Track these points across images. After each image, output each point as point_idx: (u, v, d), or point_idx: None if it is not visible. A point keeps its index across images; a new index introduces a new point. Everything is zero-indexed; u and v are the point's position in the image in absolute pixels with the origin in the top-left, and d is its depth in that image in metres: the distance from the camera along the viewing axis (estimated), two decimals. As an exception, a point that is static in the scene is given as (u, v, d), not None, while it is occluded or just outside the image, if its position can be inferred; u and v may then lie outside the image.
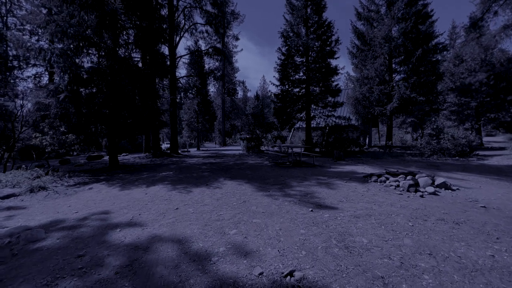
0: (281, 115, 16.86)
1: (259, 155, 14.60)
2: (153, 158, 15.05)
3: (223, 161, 11.56)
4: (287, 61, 16.66)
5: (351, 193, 5.13)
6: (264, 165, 9.68)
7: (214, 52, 18.04)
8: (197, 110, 25.06)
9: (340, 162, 10.27)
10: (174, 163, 11.41)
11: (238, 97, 52.76)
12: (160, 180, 6.85)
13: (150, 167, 10.12)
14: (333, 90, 15.19)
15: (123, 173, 8.43)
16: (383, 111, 16.79)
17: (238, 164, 10.22)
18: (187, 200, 4.79)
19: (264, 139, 18.74)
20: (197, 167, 9.53)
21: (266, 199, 4.76)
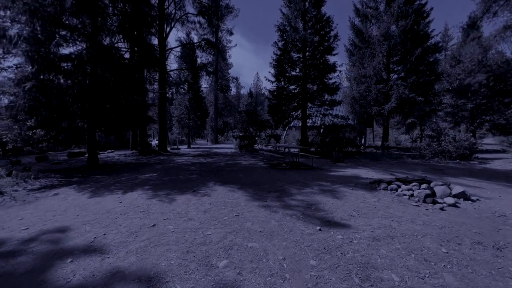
0: (276, 113, 16.10)
1: (253, 155, 13.82)
2: (139, 156, 14.06)
3: (214, 161, 10.72)
4: (283, 56, 15.88)
5: (361, 204, 4.42)
6: (259, 166, 8.91)
7: (207, 45, 17.08)
8: (189, 106, 24.03)
9: (339, 164, 9.60)
10: (161, 163, 10.50)
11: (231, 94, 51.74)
12: (141, 184, 5.98)
13: (134, 166, 9.19)
14: (331, 87, 14.52)
15: (101, 174, 7.50)
16: (381, 111, 16.26)
17: (230, 165, 9.41)
18: (168, 212, 3.97)
19: (257, 137, 17.96)
20: (185, 168, 8.67)
21: (263, 211, 3.99)
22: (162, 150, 16.80)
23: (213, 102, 38.64)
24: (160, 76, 15.46)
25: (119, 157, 13.78)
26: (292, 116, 16.45)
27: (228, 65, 37.47)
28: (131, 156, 14.28)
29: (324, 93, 15.36)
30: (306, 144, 15.78)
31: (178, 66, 22.95)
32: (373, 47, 17.36)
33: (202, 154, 15.97)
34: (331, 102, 15.03)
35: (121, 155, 14.58)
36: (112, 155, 15.16)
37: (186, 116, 24.55)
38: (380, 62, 16.41)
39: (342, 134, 15.35)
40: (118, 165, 9.60)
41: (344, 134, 15.47)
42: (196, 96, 24.12)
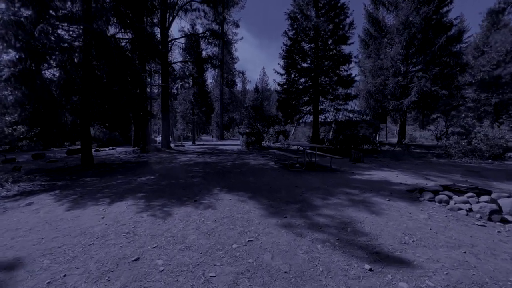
0: (285, 108, 15.04)
1: (261, 153, 12.84)
2: (140, 154, 13.23)
3: (220, 160, 9.77)
4: (294, 47, 14.73)
5: (409, 223, 3.40)
6: (270, 167, 7.92)
7: (212, 36, 16.01)
8: (193, 101, 23.08)
9: (359, 164, 8.54)
10: (162, 162, 9.60)
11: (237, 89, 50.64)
12: (134, 191, 5.07)
13: (131, 167, 8.31)
14: (346, 80, 13.35)
15: (92, 176, 6.63)
16: (399, 106, 15.03)
17: (237, 165, 8.44)
18: (160, 234, 3.03)
19: (265, 134, 16.95)
20: (188, 169, 7.74)
21: (285, 234, 3.02)
22: (165, 147, 15.94)
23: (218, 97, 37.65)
24: (163, 69, 14.52)
25: (119, 155, 12.97)
26: (303, 111, 15.37)
27: (234, 59, 36.31)
28: (132, 153, 13.45)
29: (337, 86, 14.21)
30: (317, 141, 14.70)
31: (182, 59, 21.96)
32: (391, 36, 16.06)
33: (207, 151, 15.06)
34: (346, 96, 13.88)
35: (122, 153, 13.78)
36: (112, 152, 14.38)
37: (190, 112, 23.64)
38: (398, 52, 15.12)
39: (357, 131, 14.21)
40: (115, 165, 8.74)
41: (358, 131, 14.33)
42: (201, 91, 23.16)
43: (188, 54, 19.94)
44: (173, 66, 17.73)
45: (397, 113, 16.60)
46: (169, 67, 15.30)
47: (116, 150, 16.11)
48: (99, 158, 11.07)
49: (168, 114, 15.79)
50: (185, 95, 23.30)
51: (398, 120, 20.21)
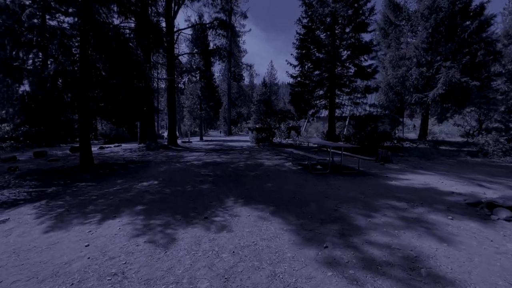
0: (299, 102, 14.01)
1: (274, 151, 11.92)
2: (146, 152, 12.51)
3: (231, 160, 8.91)
4: (308, 36, 13.59)
5: (501, 259, 2.45)
6: (288, 169, 7.00)
7: (220, 27, 15.03)
8: (201, 96, 22.22)
9: (388, 165, 7.53)
10: (168, 161, 8.80)
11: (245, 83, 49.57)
12: (132, 202, 4.24)
13: (134, 168, 7.53)
14: (366, 71, 12.17)
15: (88, 180, 5.86)
16: (423, 99, 13.79)
17: (251, 166, 7.55)
18: (158, 277, 2.17)
19: (276, 130, 15.98)
20: (196, 171, 6.90)
21: (334, 280, 2.12)
22: (172, 143, 15.20)
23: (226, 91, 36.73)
24: (168, 61, 13.66)
25: (124, 153, 12.28)
26: (317, 106, 14.31)
27: (241, 52, 35.11)
28: (137, 151, 12.75)
29: (356, 78, 13.05)
30: (333, 137, 13.66)
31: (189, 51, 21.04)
32: (414, 23, 14.72)
33: (215, 148, 14.24)
34: (366, 89, 12.72)
35: (126, 150, 13.09)
36: (117, 149, 13.72)
37: (198, 107, 22.82)
38: (423, 40, 13.81)
39: (375, 126, 13.09)
40: (117, 165, 7.98)
41: (377, 126, 13.20)
42: (209, 85, 22.28)
43: (195, 46, 19.01)
44: (180, 59, 16.86)
45: (419, 106, 15.34)
46: (175, 59, 14.42)
47: (121, 147, 15.47)
48: (102, 157, 10.37)
49: (174, 109, 15.01)
50: (192, 89, 22.46)
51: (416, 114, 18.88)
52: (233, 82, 35.86)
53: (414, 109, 16.99)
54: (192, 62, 21.90)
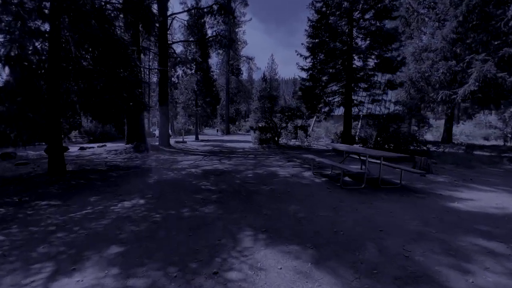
0: (310, 98, 12.91)
1: (283, 154, 10.81)
2: (133, 154, 11.34)
3: (235, 168, 7.78)
4: (321, 23, 12.49)
5: None
6: (310, 181, 5.89)
7: (220, 11, 13.84)
8: (196, 90, 20.99)
9: (431, 177, 6.46)
10: (158, 168, 7.64)
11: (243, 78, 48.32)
12: (104, 239, 3.10)
13: (116, 178, 6.36)
14: (391, 63, 11.06)
15: (54, 196, 4.68)
16: (451, 96, 12.76)
17: (262, 177, 6.44)
18: None
19: (283, 129, 14.88)
20: (194, 183, 5.75)
21: None
22: (164, 144, 14.04)
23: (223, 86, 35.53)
24: (160, 49, 12.46)
25: (108, 155, 11.10)
26: (331, 103, 13.21)
27: (241, 43, 33.84)
28: (123, 153, 11.56)
29: (376, 72, 11.97)
30: (349, 139, 12.59)
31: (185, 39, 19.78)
32: (441, 10, 13.69)
33: (214, 150, 13.10)
34: (389, 84, 11.64)
35: (111, 151, 11.90)
36: (100, 150, 12.51)
37: (193, 103, 21.59)
38: (453, 30, 12.77)
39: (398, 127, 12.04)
40: (95, 173, 6.81)
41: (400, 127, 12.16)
42: (206, 79, 21.06)
43: (190, 35, 17.78)
44: (174, 48, 15.65)
45: (445, 105, 14.33)
46: (169, 47, 13.21)
47: (105, 147, 14.26)
48: (80, 161, 9.19)
49: (167, 105, 13.83)
50: (187, 83, 21.24)
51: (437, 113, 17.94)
52: (232, 76, 34.65)
53: (434, 107, 15.99)
54: (187, 52, 20.68)
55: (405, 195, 4.82)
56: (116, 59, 5.95)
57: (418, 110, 16.62)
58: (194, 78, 20.62)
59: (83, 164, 8.30)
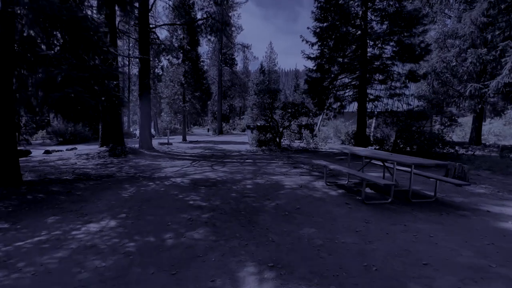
0: (318, 92, 12.50)
1: (286, 158, 10.38)
2: (108, 159, 10.83)
3: (231, 176, 7.32)
4: (331, 4, 12.10)
5: None
6: (323, 193, 5.46)
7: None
8: (184, 83, 20.51)
9: (468, 187, 6.07)
10: (137, 177, 7.15)
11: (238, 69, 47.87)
12: (58, 285, 2.62)
13: (84, 189, 5.86)
14: (414, 50, 10.66)
15: (0, 216, 4.18)
16: (482, 90, 12.46)
17: (264, 188, 5.99)
18: None
19: (286, 129, 14.46)
20: (180, 198, 5.29)
21: None
22: (145, 146, 13.54)
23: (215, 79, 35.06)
24: (141, 34, 11.97)
25: (77, 160, 10.57)
26: (342, 97, 12.81)
27: (236, 29, 33.34)
28: (96, 157, 11.04)
29: (395, 61, 11.59)
30: (363, 139, 12.21)
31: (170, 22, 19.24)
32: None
33: (205, 154, 12.64)
34: (410, 76, 11.25)
35: (82, 156, 11.37)
36: (69, 154, 11.97)
37: (180, 98, 21.10)
38: (483, 12, 12.47)
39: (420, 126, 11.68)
40: (59, 184, 6.30)
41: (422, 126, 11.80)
42: (195, 69, 20.60)
43: (177, 18, 17.30)
44: (157, 33, 15.17)
45: (473, 100, 14.04)
46: (151, 32, 12.72)
47: (76, 150, 13.72)
48: (43, 167, 8.66)
49: (149, 100, 13.32)
50: (173, 74, 20.74)
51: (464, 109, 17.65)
52: (225, 67, 34.17)
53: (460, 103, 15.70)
54: (173, 38, 20.18)
55: (444, 212, 4.41)
56: (84, 43, 5.46)
57: (439, 106, 16.38)
58: (181, 68, 20.13)
59: (45, 173, 7.78)
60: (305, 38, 12.74)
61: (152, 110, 30.42)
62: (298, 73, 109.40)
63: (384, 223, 3.92)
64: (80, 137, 24.13)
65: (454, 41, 13.79)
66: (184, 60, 20.30)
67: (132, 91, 39.59)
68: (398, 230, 3.69)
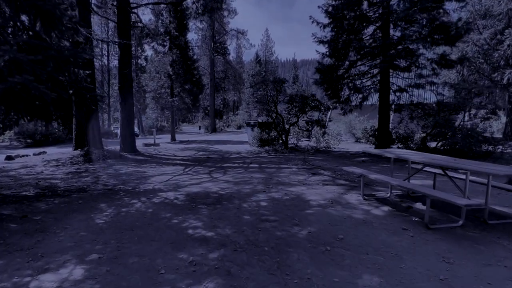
0: (333, 82, 11.56)
1: (297, 160, 9.42)
2: (82, 165, 9.77)
3: (237, 188, 6.34)
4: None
5: None
6: (364, 211, 4.51)
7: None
8: (172, 75, 19.39)
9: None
10: (115, 193, 6.11)
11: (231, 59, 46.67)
12: None
13: (45, 211, 4.82)
14: (448, 32, 9.71)
15: None
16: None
17: (285, 206, 5.03)
18: None
19: (293, 126, 13.51)
20: (174, 226, 4.29)
21: None
22: (128, 149, 12.48)
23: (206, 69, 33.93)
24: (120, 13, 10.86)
25: (45, 167, 9.51)
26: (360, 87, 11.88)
27: (228, 13, 32.06)
28: (68, 164, 9.98)
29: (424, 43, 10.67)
30: (386, 138, 11.32)
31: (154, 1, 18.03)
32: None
33: (200, 158, 11.64)
34: (442, 61, 10.33)
35: (51, 162, 10.30)
36: (35, 160, 10.85)
37: (168, 91, 19.99)
38: (523, -14, 11.64)
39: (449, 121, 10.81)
40: (13, 204, 5.24)
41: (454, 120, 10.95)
42: (184, 58, 19.49)
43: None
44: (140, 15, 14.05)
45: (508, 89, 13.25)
46: (131, 12, 11.61)
47: (45, 155, 12.59)
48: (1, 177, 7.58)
49: (131, 94, 12.24)
50: (159, 64, 19.63)
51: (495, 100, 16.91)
52: (218, 56, 33.01)
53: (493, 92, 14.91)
54: (158, 23, 19.04)
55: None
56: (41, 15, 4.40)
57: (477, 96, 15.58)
58: (169, 58, 19.01)
59: (0, 186, 6.70)
60: (315, 19, 11.79)
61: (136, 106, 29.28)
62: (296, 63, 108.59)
63: (472, 263, 2.98)
64: (53, 138, 22.87)
65: (486, 21, 12.95)
66: (172, 48, 19.19)
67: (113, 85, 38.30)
68: (500, 275, 2.76)
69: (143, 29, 13.76)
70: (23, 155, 12.63)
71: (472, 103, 10.28)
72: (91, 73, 8.84)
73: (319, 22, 11.71)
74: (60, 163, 10.09)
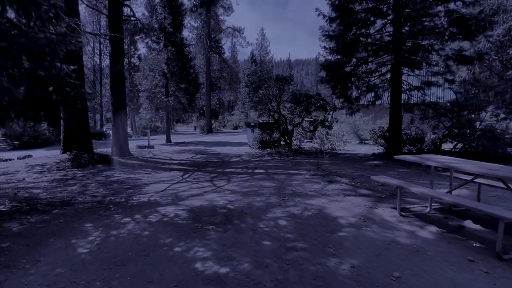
0: (341, 80, 10.77)
1: (307, 164, 8.59)
2: (70, 171, 8.84)
3: (246, 199, 5.48)
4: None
5: None
6: (408, 234, 3.71)
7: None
8: (167, 73, 18.44)
9: None
10: (106, 206, 5.20)
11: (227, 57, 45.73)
12: None
13: (18, 234, 3.92)
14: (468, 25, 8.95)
15: None
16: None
17: (310, 226, 4.21)
18: None
19: (296, 126, 12.71)
20: (177, 257, 3.43)
21: None
22: (120, 152, 11.54)
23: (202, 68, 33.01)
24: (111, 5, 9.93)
25: (27, 173, 8.57)
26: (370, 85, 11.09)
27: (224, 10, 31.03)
28: (54, 169, 9.05)
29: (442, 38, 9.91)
30: (398, 139, 10.56)
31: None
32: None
33: (198, 161, 10.76)
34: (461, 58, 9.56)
35: (35, 167, 9.36)
36: (18, 165, 9.87)
37: (162, 90, 19.03)
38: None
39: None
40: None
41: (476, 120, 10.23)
42: (180, 56, 18.56)
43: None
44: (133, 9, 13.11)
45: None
46: (124, 4, 10.66)
47: (30, 159, 11.59)
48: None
49: (123, 93, 11.30)
50: (153, 62, 18.68)
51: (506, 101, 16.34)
52: (214, 54, 32.07)
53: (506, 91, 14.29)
54: (153, 18, 18.09)
55: None
56: None
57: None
58: (163, 55, 18.06)
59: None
60: (322, 12, 10.99)
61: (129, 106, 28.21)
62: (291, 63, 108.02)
63: None
64: (42, 140, 21.73)
65: (499, 17, 12.33)
66: (167, 45, 18.25)
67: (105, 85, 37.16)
68: None
69: (136, 23, 12.85)
70: (6, 159, 11.62)
71: (492, 102, 9.59)
72: (78, 68, 7.93)
73: (325, 15, 10.90)
74: (45, 169, 9.13)
